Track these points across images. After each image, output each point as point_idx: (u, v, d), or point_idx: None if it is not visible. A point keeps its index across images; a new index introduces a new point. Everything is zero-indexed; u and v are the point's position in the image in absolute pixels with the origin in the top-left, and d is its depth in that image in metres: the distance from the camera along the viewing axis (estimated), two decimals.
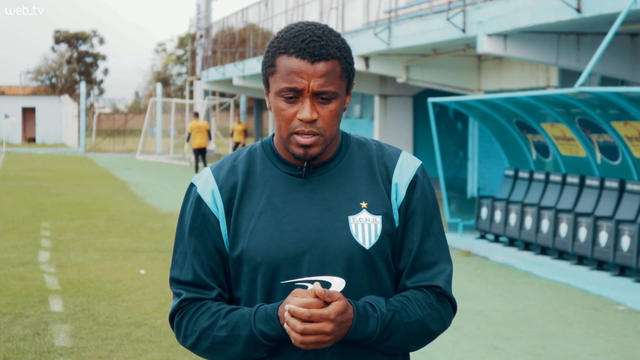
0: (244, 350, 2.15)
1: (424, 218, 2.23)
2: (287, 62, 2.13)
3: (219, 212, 2.22)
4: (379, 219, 2.19)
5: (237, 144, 30.58)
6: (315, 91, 2.12)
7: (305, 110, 2.12)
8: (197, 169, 25.54)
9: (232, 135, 31.15)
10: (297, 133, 2.14)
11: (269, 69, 2.17)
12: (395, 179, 2.23)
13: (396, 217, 2.22)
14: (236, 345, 2.15)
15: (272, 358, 2.18)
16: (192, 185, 2.27)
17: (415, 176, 2.24)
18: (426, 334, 2.21)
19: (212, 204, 2.22)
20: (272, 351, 2.18)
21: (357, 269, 2.17)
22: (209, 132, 25.91)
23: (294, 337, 2.06)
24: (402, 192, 2.22)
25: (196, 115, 26.82)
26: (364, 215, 2.19)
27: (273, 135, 2.28)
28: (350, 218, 2.18)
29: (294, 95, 2.13)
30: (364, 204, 2.20)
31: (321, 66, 2.12)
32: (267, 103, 2.22)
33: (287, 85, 2.12)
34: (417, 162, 2.27)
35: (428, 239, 2.23)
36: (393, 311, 2.14)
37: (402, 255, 2.23)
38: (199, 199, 2.24)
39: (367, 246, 2.17)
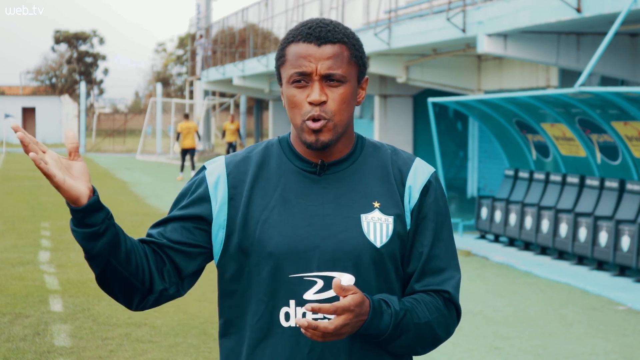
0: (81, 245, 2.12)
1: (435, 223, 2.24)
2: (295, 48, 2.17)
3: (219, 197, 2.23)
4: (390, 219, 2.20)
5: (230, 145, 29.54)
6: (323, 74, 2.14)
7: (314, 93, 2.14)
8: (182, 168, 25.52)
9: (223, 135, 29.86)
10: (309, 119, 2.15)
11: (279, 60, 2.21)
12: (409, 182, 2.24)
13: (408, 219, 2.23)
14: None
15: (278, 354, 2.18)
16: (203, 168, 2.29)
17: (429, 181, 2.26)
18: (432, 338, 2.21)
19: (214, 187, 2.23)
20: (278, 347, 2.17)
21: (367, 267, 2.18)
22: (197, 133, 25.85)
23: (315, 333, 2.03)
24: (416, 196, 2.24)
25: (186, 116, 26.90)
26: (377, 214, 2.20)
27: (290, 132, 2.30)
28: (363, 216, 2.19)
29: (303, 79, 2.15)
30: (376, 204, 2.21)
31: (328, 49, 2.15)
32: (283, 101, 2.24)
33: (296, 70, 2.15)
34: (430, 169, 2.29)
35: (438, 245, 2.24)
36: (405, 310, 2.15)
37: (412, 258, 2.24)
38: (202, 179, 2.26)
39: (378, 245, 2.18)
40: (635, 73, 13.47)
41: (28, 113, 54.93)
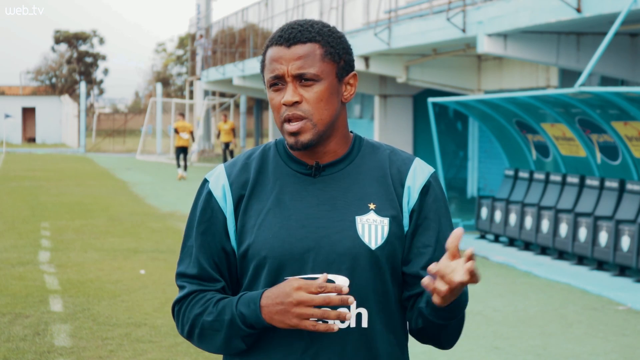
0: (226, 336, 2.15)
1: (437, 223, 2.23)
2: (270, 52, 2.19)
3: (227, 208, 2.23)
4: (386, 221, 2.19)
5: (227, 145, 29.37)
6: (294, 74, 2.15)
7: (287, 94, 2.15)
8: (179, 165, 25.73)
9: (218, 136, 29.66)
10: (286, 121, 2.16)
11: (261, 64, 2.23)
12: (408, 182, 2.23)
13: (406, 220, 2.22)
14: (220, 331, 2.15)
15: (272, 355, 2.18)
16: (205, 181, 2.29)
17: (429, 181, 2.24)
18: (457, 334, 2.23)
19: (222, 199, 2.24)
20: (272, 348, 2.17)
21: (362, 269, 2.17)
22: (191, 134, 26.15)
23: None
24: (415, 196, 2.22)
25: (182, 115, 27.16)
26: (372, 216, 2.19)
27: None
28: (358, 218, 2.18)
29: (279, 82, 2.17)
30: (372, 206, 2.20)
31: (297, 49, 2.16)
32: None
33: (271, 74, 2.17)
34: (430, 169, 2.27)
35: (441, 246, 2.22)
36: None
37: (411, 259, 2.22)
38: (209, 194, 2.25)
39: (373, 247, 2.17)
40: (635, 73, 13.47)
41: (28, 113, 54.92)
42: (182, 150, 25.59)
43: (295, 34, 2.16)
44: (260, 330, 2.13)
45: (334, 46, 2.19)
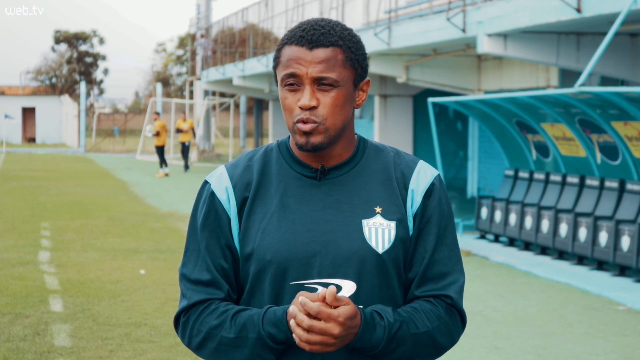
0: (251, 352, 2.11)
1: (438, 227, 2.21)
2: (288, 51, 2.14)
3: (232, 210, 2.20)
4: (393, 224, 2.16)
5: (183, 145, 28.43)
6: (314, 77, 2.11)
7: (304, 97, 2.11)
8: (165, 164, 26.56)
9: (177, 132, 28.43)
10: (298, 122, 2.13)
11: (275, 60, 2.18)
12: (412, 185, 2.21)
13: (410, 224, 2.19)
14: (244, 347, 2.11)
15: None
16: (205, 182, 2.25)
17: (432, 184, 2.22)
18: (434, 347, 2.17)
19: (226, 201, 2.20)
20: (278, 354, 2.15)
21: (369, 273, 2.14)
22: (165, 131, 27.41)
23: (299, 334, 2.00)
24: (419, 199, 2.20)
25: (158, 114, 27.74)
26: (378, 220, 2.16)
27: (289, 136, 2.26)
28: (364, 222, 2.16)
29: (295, 82, 2.13)
30: (378, 209, 2.17)
31: (320, 52, 2.11)
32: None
33: (286, 71, 2.13)
34: (434, 172, 2.25)
35: (441, 249, 2.21)
36: (400, 321, 2.10)
37: (414, 263, 2.20)
38: (212, 195, 2.22)
39: (380, 251, 2.15)
40: (635, 73, 13.47)
41: (28, 113, 54.92)
42: (163, 149, 26.51)
43: (318, 36, 2.12)
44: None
45: (354, 52, 2.15)
